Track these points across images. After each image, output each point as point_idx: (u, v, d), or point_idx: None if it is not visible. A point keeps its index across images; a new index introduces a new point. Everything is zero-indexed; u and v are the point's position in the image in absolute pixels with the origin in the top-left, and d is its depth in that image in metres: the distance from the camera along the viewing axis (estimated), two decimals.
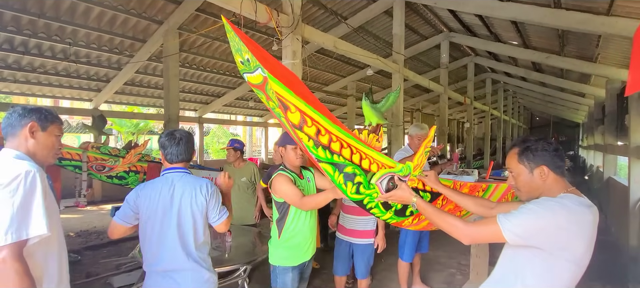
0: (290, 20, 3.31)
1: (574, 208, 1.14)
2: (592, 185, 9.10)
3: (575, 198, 1.18)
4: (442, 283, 3.57)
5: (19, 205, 1.06)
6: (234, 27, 1.13)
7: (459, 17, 7.03)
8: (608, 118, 6.03)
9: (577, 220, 1.13)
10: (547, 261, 1.15)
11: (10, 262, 1.03)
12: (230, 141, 3.53)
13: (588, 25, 3.92)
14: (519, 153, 1.26)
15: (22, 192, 1.08)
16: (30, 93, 6.72)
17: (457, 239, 1.26)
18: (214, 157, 14.83)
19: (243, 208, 3.40)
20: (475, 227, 1.22)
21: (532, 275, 1.18)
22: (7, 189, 1.06)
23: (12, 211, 1.05)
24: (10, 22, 4.71)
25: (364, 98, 1.58)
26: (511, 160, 1.29)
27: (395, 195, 1.45)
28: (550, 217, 1.12)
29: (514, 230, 1.14)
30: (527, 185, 1.26)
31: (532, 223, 1.13)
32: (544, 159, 1.22)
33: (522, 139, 1.29)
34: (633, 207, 4.00)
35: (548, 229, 1.12)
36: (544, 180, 1.23)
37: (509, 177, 1.33)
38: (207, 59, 7.09)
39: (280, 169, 1.97)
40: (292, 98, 1.19)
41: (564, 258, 1.14)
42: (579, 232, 1.13)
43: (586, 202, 1.18)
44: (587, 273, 1.11)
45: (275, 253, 2.01)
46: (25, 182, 1.09)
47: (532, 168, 1.24)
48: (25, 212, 1.08)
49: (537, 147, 1.23)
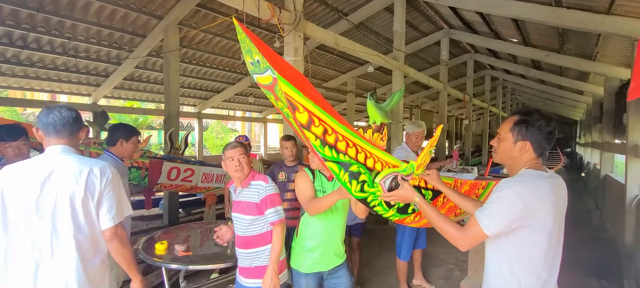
0: (292, 17, 3.31)
1: (531, 182, 1.21)
2: (589, 183, 9.18)
3: (532, 172, 1.25)
4: (441, 278, 3.62)
5: (121, 192, 1.52)
6: (245, 29, 1.14)
7: (459, 14, 7.03)
8: (606, 116, 6.08)
9: (537, 192, 1.19)
10: (524, 237, 1.22)
11: (124, 236, 1.51)
12: (242, 138, 3.53)
13: (588, 24, 3.95)
14: (515, 122, 1.28)
15: (120, 182, 1.54)
16: (29, 87, 6.68)
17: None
18: (212, 152, 14.83)
19: None
20: (464, 232, 1.27)
21: (515, 256, 1.25)
22: (113, 182, 1.48)
23: (119, 197, 1.50)
24: (9, 16, 4.67)
25: (368, 97, 1.60)
26: (505, 125, 1.32)
27: (399, 195, 1.48)
28: (516, 197, 1.18)
29: (492, 225, 1.20)
30: (505, 152, 1.31)
31: (504, 212, 1.19)
32: (533, 137, 1.25)
33: (525, 111, 1.29)
34: (629, 205, 4.06)
35: (518, 209, 1.18)
36: (521, 154, 1.27)
37: (495, 138, 1.36)
38: (207, 55, 7.07)
39: (307, 168, 1.98)
40: (301, 99, 1.20)
41: (536, 229, 1.21)
42: (542, 202, 1.20)
43: (544, 174, 1.25)
44: (583, 269, 1.14)
45: (293, 253, 1.99)
46: (117, 176, 1.53)
47: (518, 140, 1.27)
48: (124, 196, 1.55)
49: (534, 124, 1.24)
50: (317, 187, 1.91)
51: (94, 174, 1.42)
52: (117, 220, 1.47)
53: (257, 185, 1.86)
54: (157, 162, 3.97)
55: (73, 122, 1.47)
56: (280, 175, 3.00)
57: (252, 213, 1.84)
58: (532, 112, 1.27)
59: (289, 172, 2.96)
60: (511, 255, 1.25)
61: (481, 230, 1.21)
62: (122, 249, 1.47)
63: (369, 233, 5.06)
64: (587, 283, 3.60)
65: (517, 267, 1.25)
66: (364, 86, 10.80)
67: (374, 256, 4.17)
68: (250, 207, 1.84)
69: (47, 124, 1.42)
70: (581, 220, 6.34)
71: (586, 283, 3.59)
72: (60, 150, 1.43)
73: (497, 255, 1.29)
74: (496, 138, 1.36)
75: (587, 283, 3.59)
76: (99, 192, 1.42)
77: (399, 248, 3.11)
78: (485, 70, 12.19)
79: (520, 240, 1.22)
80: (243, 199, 1.87)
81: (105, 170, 1.46)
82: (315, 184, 1.91)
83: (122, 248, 1.47)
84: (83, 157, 1.50)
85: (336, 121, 1.31)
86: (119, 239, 1.47)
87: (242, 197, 1.88)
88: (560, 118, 19.05)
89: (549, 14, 4.23)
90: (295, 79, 1.23)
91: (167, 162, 4.13)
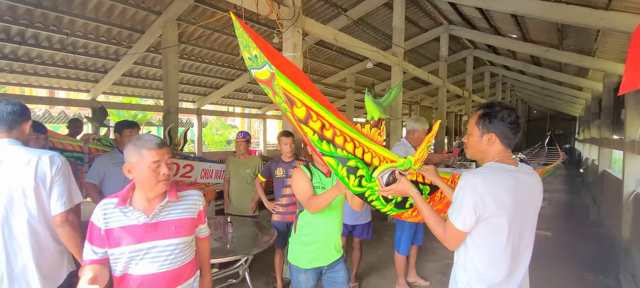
0: (291, 13, 3.30)
1: (488, 174, 1.24)
2: (587, 178, 9.22)
3: (495, 165, 1.29)
4: (438, 273, 3.65)
5: (70, 181, 1.57)
6: (242, 24, 1.15)
7: (459, 10, 7.01)
8: (604, 112, 6.09)
9: (493, 184, 1.22)
10: (483, 229, 1.25)
11: (75, 221, 1.56)
12: (242, 133, 3.55)
13: (587, 20, 3.95)
14: (480, 116, 1.32)
15: (69, 171, 1.57)
16: (27, 83, 6.66)
17: None
18: (211, 148, 14.84)
19: (245, 199, 3.46)
20: (446, 232, 1.30)
21: (475, 248, 1.28)
22: (62, 171, 1.53)
23: (68, 185, 1.54)
24: (6, 11, 4.65)
25: (366, 93, 1.61)
26: (471, 120, 1.36)
27: (396, 189, 1.49)
28: (471, 189, 1.22)
29: (458, 219, 1.24)
30: (474, 146, 1.36)
31: (463, 205, 1.23)
32: (497, 128, 1.28)
33: (488, 104, 1.33)
34: (626, 200, 4.08)
35: (474, 201, 1.21)
36: (490, 147, 1.31)
37: (466, 135, 1.41)
38: (206, 50, 7.05)
39: (303, 165, 1.97)
40: (299, 94, 1.21)
41: (493, 222, 1.24)
42: (498, 195, 1.22)
43: (509, 168, 1.28)
44: (581, 264, 1.15)
45: (291, 249, 1.98)
46: (67, 165, 1.57)
47: (483, 133, 1.30)
48: (73, 185, 1.58)
49: (496, 115, 1.28)
50: (316, 184, 1.91)
51: (43, 162, 1.48)
52: (68, 206, 1.52)
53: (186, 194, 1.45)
54: None
55: (14, 115, 1.55)
56: (277, 171, 3.01)
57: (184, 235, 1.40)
58: (494, 105, 1.31)
59: (287, 168, 2.97)
60: (472, 247, 1.29)
61: (454, 227, 1.25)
62: (72, 234, 1.52)
63: None
64: (584, 277, 3.64)
65: (476, 259, 1.28)
66: (363, 82, 10.78)
67: (372, 251, 4.19)
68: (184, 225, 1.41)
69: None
70: (579, 215, 6.37)
71: (583, 278, 3.62)
72: (7, 143, 1.51)
73: (463, 247, 1.33)
74: (466, 135, 1.40)
75: (584, 278, 3.63)
76: (50, 180, 1.49)
77: (398, 243, 3.13)
78: (485, 66, 12.18)
79: (480, 232, 1.26)
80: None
81: (55, 159, 1.52)
82: (314, 181, 1.90)
83: (72, 233, 1.52)
84: (30, 148, 1.57)
85: (334, 116, 1.32)
86: (70, 225, 1.52)
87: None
88: (559, 114, 19.09)
89: (548, 9, 4.22)
90: (293, 74, 1.24)
91: None
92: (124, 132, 2.69)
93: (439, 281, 3.48)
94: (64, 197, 1.51)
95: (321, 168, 1.95)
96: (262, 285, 3.27)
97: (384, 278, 3.49)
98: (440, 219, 1.36)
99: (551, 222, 5.72)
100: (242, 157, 3.51)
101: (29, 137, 1.65)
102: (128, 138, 2.52)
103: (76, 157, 3.49)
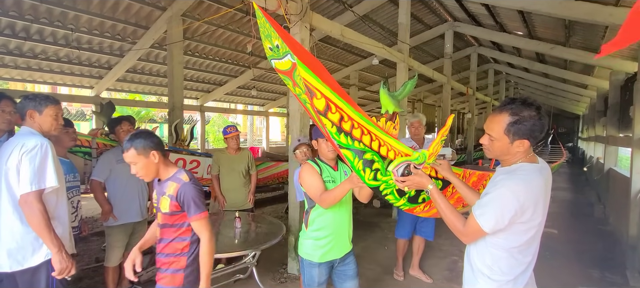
0: (299, 8, 3.28)
1: (528, 180, 1.20)
2: (592, 176, 9.19)
3: (528, 166, 1.24)
4: (445, 270, 3.64)
5: (38, 165, 1.60)
6: (265, 13, 1.14)
7: (464, 7, 6.96)
8: (611, 110, 6.05)
9: (532, 190, 1.20)
10: (513, 231, 1.24)
11: (34, 203, 1.58)
12: (230, 128, 3.45)
13: (596, 16, 3.90)
14: (509, 123, 1.22)
15: (40, 155, 1.61)
16: (31, 79, 6.67)
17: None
18: (214, 145, 14.85)
19: (240, 193, 3.44)
20: (466, 228, 1.28)
21: (501, 246, 1.26)
22: (30, 154, 1.60)
23: (34, 168, 1.59)
24: (12, 7, 4.65)
25: (381, 86, 1.60)
26: (496, 125, 1.25)
27: (413, 180, 1.48)
28: (513, 198, 1.18)
29: (490, 224, 1.21)
30: (501, 150, 1.28)
31: (501, 212, 1.19)
32: (528, 133, 1.21)
33: (513, 108, 1.22)
34: (634, 197, 4.06)
35: (514, 209, 1.19)
36: (519, 149, 1.24)
37: (485, 137, 1.31)
38: (210, 47, 7.03)
39: (311, 160, 1.96)
40: (319, 85, 1.20)
41: (526, 224, 1.23)
42: (535, 199, 1.21)
43: (538, 167, 1.25)
44: (586, 261, 1.15)
45: (302, 245, 1.98)
46: (41, 149, 1.62)
47: (515, 140, 1.23)
48: (42, 169, 1.62)
49: (528, 120, 1.20)
50: (326, 178, 1.90)
51: (16, 146, 1.62)
52: (28, 189, 1.58)
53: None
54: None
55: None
56: None
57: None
58: (522, 109, 1.21)
59: None
60: (497, 244, 1.27)
61: (480, 228, 1.23)
62: (30, 216, 1.59)
63: (373, 225, 5.09)
64: (590, 274, 3.63)
65: (500, 254, 1.27)
66: (366, 79, 10.76)
67: (379, 248, 4.19)
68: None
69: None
70: (584, 213, 6.35)
71: (589, 275, 3.62)
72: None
73: (483, 241, 1.31)
74: (486, 137, 1.31)
75: (590, 275, 3.62)
76: (18, 161, 1.60)
77: (397, 227, 3.35)
78: (489, 63, 12.12)
79: (509, 234, 1.24)
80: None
81: (27, 142, 1.62)
82: (324, 176, 1.90)
83: (30, 214, 1.59)
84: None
85: (352, 108, 1.31)
86: (28, 206, 1.58)
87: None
88: (562, 112, 19.01)
89: (556, 5, 4.18)
90: (313, 65, 1.23)
91: (172, 153, 4.14)
92: (116, 129, 2.79)
93: (445, 277, 3.47)
94: (26, 179, 1.58)
95: (328, 161, 1.94)
96: (269, 280, 3.27)
97: (388, 273, 3.48)
98: (457, 213, 1.35)
99: (556, 219, 5.70)
100: (235, 152, 3.42)
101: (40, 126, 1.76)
102: (124, 133, 2.71)
103: (84, 151, 3.49)
